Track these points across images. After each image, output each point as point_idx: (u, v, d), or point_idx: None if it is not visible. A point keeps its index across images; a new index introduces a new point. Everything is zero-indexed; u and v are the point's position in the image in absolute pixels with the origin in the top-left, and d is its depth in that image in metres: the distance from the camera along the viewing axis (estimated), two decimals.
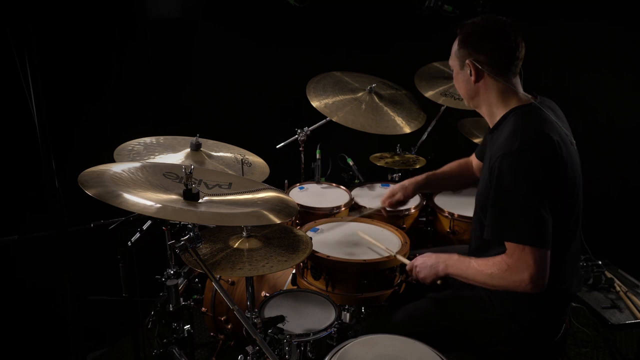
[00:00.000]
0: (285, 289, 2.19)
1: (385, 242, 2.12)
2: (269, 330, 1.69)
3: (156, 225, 2.07)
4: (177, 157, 2.06)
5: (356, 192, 2.76)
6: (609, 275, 2.23)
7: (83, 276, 1.76)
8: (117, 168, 1.58)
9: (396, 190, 2.25)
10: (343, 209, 2.52)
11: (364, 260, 1.94)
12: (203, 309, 2.49)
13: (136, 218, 1.92)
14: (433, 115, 3.01)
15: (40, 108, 1.41)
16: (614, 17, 3.11)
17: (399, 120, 2.71)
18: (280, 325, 1.73)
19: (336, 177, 3.00)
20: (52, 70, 2.14)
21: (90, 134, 2.62)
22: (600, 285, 2.19)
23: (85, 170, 1.49)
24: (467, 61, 1.67)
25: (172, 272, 2.11)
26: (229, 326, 2.41)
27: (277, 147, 2.76)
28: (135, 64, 3.00)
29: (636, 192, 3.33)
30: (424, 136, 3.07)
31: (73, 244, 1.53)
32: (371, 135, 2.62)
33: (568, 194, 1.61)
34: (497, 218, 1.60)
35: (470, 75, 1.68)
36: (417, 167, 2.90)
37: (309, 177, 2.87)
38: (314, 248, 1.94)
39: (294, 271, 2.18)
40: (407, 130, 2.70)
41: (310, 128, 2.78)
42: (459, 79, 1.76)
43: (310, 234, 2.15)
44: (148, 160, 1.98)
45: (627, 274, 2.32)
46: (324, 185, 2.81)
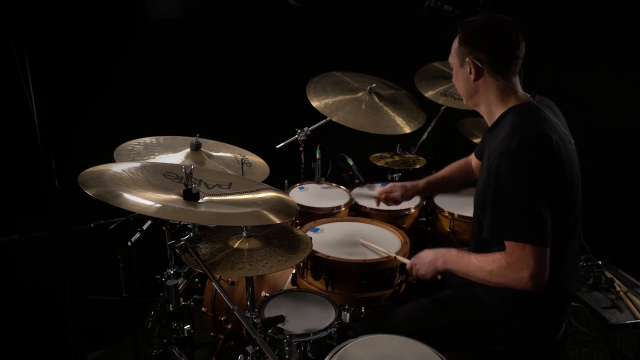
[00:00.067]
0: (285, 289, 2.19)
1: (385, 242, 2.12)
2: (269, 330, 1.69)
3: (156, 225, 2.07)
4: (177, 157, 2.06)
5: (356, 192, 2.76)
6: (609, 275, 2.23)
7: (83, 276, 1.76)
8: (117, 168, 1.58)
9: (396, 188, 2.26)
10: (343, 209, 2.52)
11: (364, 260, 1.94)
12: (203, 309, 2.49)
13: (136, 218, 1.92)
14: (433, 115, 3.01)
15: (40, 108, 1.41)
16: (614, 17, 3.11)
17: (399, 120, 2.71)
18: (280, 325, 1.73)
19: (336, 177, 3.00)
20: (52, 70, 2.14)
21: (90, 134, 2.62)
22: (600, 285, 2.19)
23: (85, 170, 1.49)
24: (467, 59, 1.67)
25: (172, 272, 2.11)
26: (229, 326, 2.41)
27: (277, 147, 2.76)
28: (135, 64, 3.00)
29: (636, 192, 3.33)
30: (424, 136, 3.07)
31: (73, 244, 1.53)
32: (371, 135, 2.62)
33: (567, 194, 1.61)
34: (496, 217, 1.60)
35: (470, 73, 1.68)
36: (417, 167, 2.90)
37: (309, 177, 2.87)
38: (314, 248, 1.94)
39: (294, 271, 2.18)
40: (407, 130, 2.70)
41: (310, 128, 2.78)
42: (458, 76, 1.76)
43: (310, 234, 2.15)
44: (148, 160, 1.98)
45: (627, 274, 2.32)
46: (324, 185, 2.81)
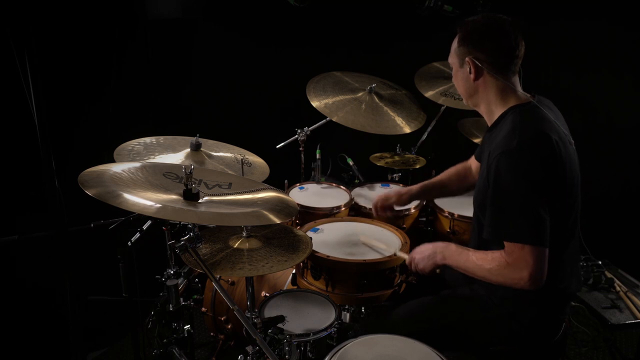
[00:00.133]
0: (285, 289, 2.19)
1: (385, 242, 2.12)
2: (269, 330, 1.69)
3: (156, 225, 2.07)
4: (177, 157, 2.06)
5: (356, 192, 2.76)
6: (609, 275, 2.23)
7: (83, 276, 1.76)
8: (117, 168, 1.58)
9: (391, 195, 2.19)
10: (343, 209, 2.52)
11: (364, 260, 1.94)
12: (203, 309, 2.49)
13: (136, 218, 1.92)
14: (433, 115, 3.01)
15: (40, 108, 1.41)
16: (614, 17, 3.11)
17: (399, 120, 2.71)
18: (280, 325, 1.73)
19: (336, 177, 3.00)
20: (52, 70, 2.15)
21: (90, 134, 2.62)
22: (600, 285, 2.19)
23: (85, 170, 1.49)
24: (467, 59, 1.67)
25: (172, 272, 2.11)
26: (229, 326, 2.41)
27: (277, 147, 2.76)
28: (135, 64, 3.00)
29: (636, 192, 3.33)
30: (424, 136, 3.07)
31: (73, 244, 1.53)
32: (371, 135, 2.62)
33: (567, 193, 1.61)
34: (496, 217, 1.60)
35: (470, 73, 1.68)
36: (417, 167, 2.90)
37: (309, 177, 2.87)
38: (314, 248, 1.94)
39: (294, 271, 2.18)
40: (407, 130, 2.70)
41: (310, 128, 2.78)
42: (458, 76, 1.76)
43: (310, 234, 2.15)
44: (148, 160, 1.98)
45: (627, 274, 2.32)
46: (324, 185, 2.81)
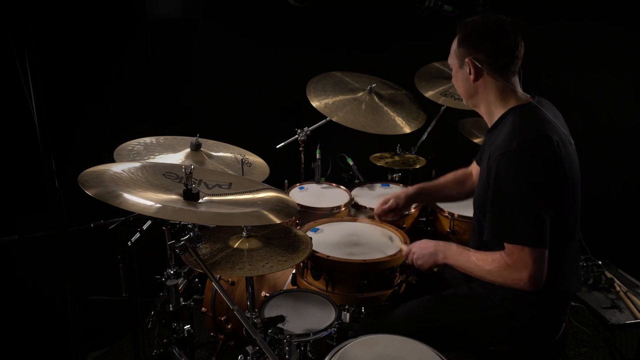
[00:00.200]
0: (285, 289, 2.20)
1: (385, 242, 2.12)
2: (269, 330, 1.69)
3: (156, 225, 2.07)
4: (177, 157, 2.06)
5: (356, 192, 2.76)
6: (609, 275, 2.23)
7: (83, 276, 1.76)
8: (117, 168, 1.58)
9: (388, 198, 2.17)
10: (343, 209, 2.52)
11: (364, 260, 1.94)
12: (203, 309, 2.49)
13: (136, 218, 1.92)
14: (433, 115, 3.01)
15: (40, 108, 1.41)
16: (614, 17, 3.11)
17: (399, 120, 2.71)
18: (280, 325, 1.73)
19: (336, 177, 3.00)
20: (52, 70, 2.14)
21: (90, 134, 2.62)
22: (600, 285, 2.19)
23: (85, 170, 1.49)
24: (467, 59, 1.67)
25: (172, 272, 2.11)
26: (229, 326, 2.41)
27: (277, 147, 2.76)
28: (135, 64, 3.00)
29: (636, 192, 3.33)
30: (424, 136, 3.07)
31: (73, 244, 1.53)
32: (371, 135, 2.62)
33: (567, 194, 1.61)
34: (496, 218, 1.60)
35: (470, 73, 1.68)
36: (417, 167, 2.90)
37: (309, 177, 2.87)
38: (314, 248, 1.94)
39: (294, 271, 2.18)
40: (407, 130, 2.70)
41: (310, 128, 2.78)
42: (458, 77, 1.76)
43: (310, 234, 2.15)
44: (148, 160, 1.98)
45: (627, 274, 2.32)
46: (324, 185, 2.81)
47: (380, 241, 2.13)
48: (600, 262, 2.27)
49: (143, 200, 1.40)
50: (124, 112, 2.82)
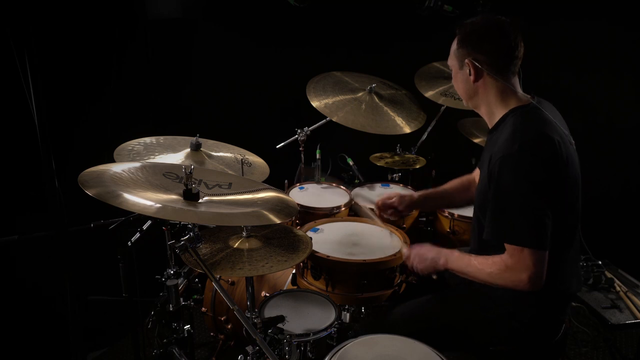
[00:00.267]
0: (285, 289, 2.20)
1: (385, 241, 2.12)
2: (269, 330, 1.69)
3: (156, 225, 2.07)
4: (177, 157, 2.06)
5: (356, 192, 2.76)
6: (609, 275, 2.23)
7: (83, 276, 1.76)
8: (117, 168, 1.58)
9: (392, 195, 2.16)
10: (343, 209, 2.52)
11: (364, 260, 1.94)
12: (203, 309, 2.49)
13: (136, 218, 1.92)
14: (433, 115, 3.01)
15: (40, 108, 1.41)
16: (614, 17, 3.11)
17: (399, 120, 2.71)
18: (280, 325, 1.73)
19: (336, 177, 3.00)
20: (52, 70, 2.14)
21: (90, 134, 2.62)
22: (600, 285, 2.19)
23: (85, 170, 1.49)
24: (467, 60, 1.67)
25: (172, 272, 2.11)
26: (229, 326, 2.41)
27: (277, 147, 2.76)
28: (135, 64, 3.00)
29: (636, 192, 3.33)
30: (424, 136, 3.07)
31: (73, 244, 1.53)
32: (371, 135, 2.62)
33: (567, 194, 1.61)
34: (497, 218, 1.60)
35: (470, 74, 1.68)
36: (417, 167, 2.90)
37: (309, 177, 2.87)
38: (314, 248, 1.94)
39: (294, 271, 2.18)
40: (407, 130, 2.70)
41: (310, 128, 2.78)
42: (457, 78, 1.75)
43: (310, 234, 2.15)
44: (148, 160, 1.98)
45: (627, 274, 2.32)
46: (324, 185, 2.81)
47: (381, 241, 2.13)
48: (600, 262, 2.27)
49: (143, 200, 1.40)
50: (124, 112, 2.82)
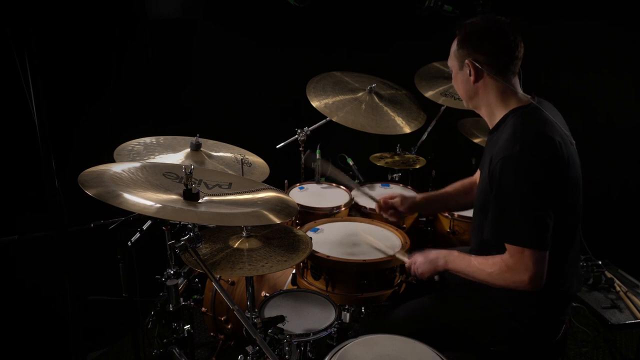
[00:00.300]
0: (285, 289, 2.20)
1: (385, 242, 2.12)
2: (269, 330, 1.69)
3: (156, 225, 2.07)
4: (177, 157, 2.06)
5: (356, 192, 2.76)
6: (609, 275, 2.23)
7: (83, 276, 1.76)
8: (117, 168, 1.58)
9: (395, 195, 2.16)
10: (343, 209, 2.52)
11: (364, 260, 1.94)
12: (203, 309, 2.49)
13: (136, 218, 1.92)
14: (433, 115, 3.01)
15: (40, 108, 1.41)
16: (614, 17, 3.11)
17: (399, 120, 2.71)
18: (280, 325, 1.73)
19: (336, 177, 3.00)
20: (52, 70, 2.14)
21: (90, 134, 2.62)
22: (600, 285, 2.19)
23: (85, 170, 1.49)
24: (467, 61, 1.67)
25: (172, 272, 2.11)
26: (229, 326, 2.41)
27: (277, 147, 2.76)
28: (135, 64, 3.00)
29: (636, 192, 3.33)
30: (424, 136, 3.07)
31: (73, 244, 1.53)
32: (371, 135, 2.62)
33: (568, 194, 1.61)
34: (498, 218, 1.60)
35: (470, 75, 1.68)
36: (417, 167, 2.90)
37: (309, 177, 2.87)
38: (314, 248, 1.94)
39: (294, 271, 2.18)
40: (407, 130, 2.70)
41: (310, 128, 2.78)
42: (458, 79, 1.75)
43: (310, 234, 2.15)
44: (148, 160, 1.98)
45: (627, 274, 2.32)
46: (324, 185, 2.81)
47: (381, 241, 2.13)
48: (600, 262, 2.27)
49: (143, 200, 1.40)
50: (124, 112, 2.82)
